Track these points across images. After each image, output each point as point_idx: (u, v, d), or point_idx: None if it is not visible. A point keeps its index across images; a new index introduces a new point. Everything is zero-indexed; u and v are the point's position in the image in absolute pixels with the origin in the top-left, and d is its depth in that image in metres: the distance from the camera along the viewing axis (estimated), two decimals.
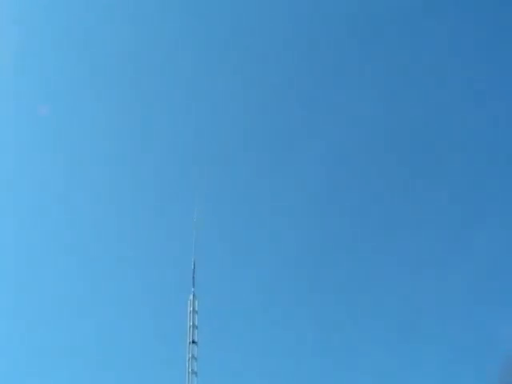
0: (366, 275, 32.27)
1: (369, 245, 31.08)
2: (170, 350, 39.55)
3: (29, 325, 29.26)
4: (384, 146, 34.95)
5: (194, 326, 14.83)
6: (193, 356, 14.21)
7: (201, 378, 14.13)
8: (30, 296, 30.46)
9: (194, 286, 15.82)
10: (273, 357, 43.25)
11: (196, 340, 14.66)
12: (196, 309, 15.32)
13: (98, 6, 31.81)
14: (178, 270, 36.73)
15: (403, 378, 30.51)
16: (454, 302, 31.20)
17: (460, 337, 30.48)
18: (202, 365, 14.54)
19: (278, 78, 31.48)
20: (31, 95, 33.76)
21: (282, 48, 31.32)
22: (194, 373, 13.90)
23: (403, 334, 31.44)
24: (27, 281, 29.33)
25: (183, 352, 14.67)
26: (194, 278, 15.84)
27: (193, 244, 16.99)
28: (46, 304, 31.19)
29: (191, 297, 15.65)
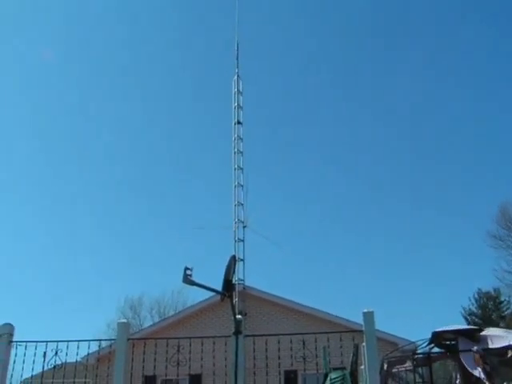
0: None
1: None
2: (217, 129, 42.69)
3: None
4: None
5: (239, 107, 17.66)
6: (238, 136, 17.42)
7: (246, 157, 17.48)
8: None
9: (237, 67, 17.96)
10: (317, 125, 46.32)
11: (241, 121, 17.58)
12: (240, 89, 17.93)
13: None
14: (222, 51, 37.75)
15: None
16: None
17: None
18: (247, 145, 17.67)
19: None
20: None
21: None
22: (240, 152, 17.31)
23: None
24: None
25: (230, 132, 17.60)
26: (237, 59, 18.01)
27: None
28: None
29: (235, 77, 18.01)
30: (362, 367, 8.85)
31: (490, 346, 10.97)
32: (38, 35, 48.18)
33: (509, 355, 10.50)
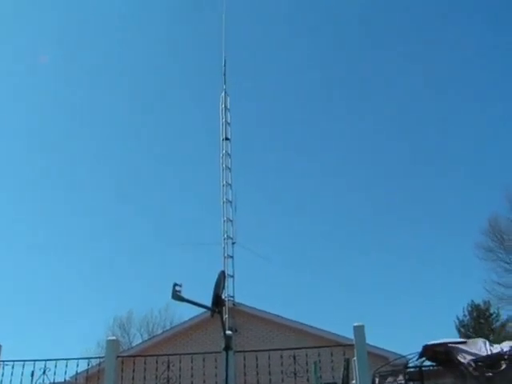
0: None
1: None
2: (203, 146, 42.84)
3: None
4: None
5: (227, 123, 17.71)
6: (226, 152, 17.46)
7: (234, 173, 17.53)
8: None
9: (225, 83, 18.06)
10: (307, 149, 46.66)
11: (229, 137, 17.64)
12: (228, 106, 17.99)
13: None
14: (209, 66, 38.19)
15: None
16: None
17: None
18: (235, 161, 17.74)
19: None
20: None
21: None
22: (228, 169, 17.34)
23: None
24: None
25: (218, 148, 17.66)
26: (224, 75, 18.08)
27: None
28: None
29: (223, 94, 18.11)
30: (354, 382, 8.83)
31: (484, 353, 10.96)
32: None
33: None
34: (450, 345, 11.19)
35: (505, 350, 10.49)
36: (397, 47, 47.86)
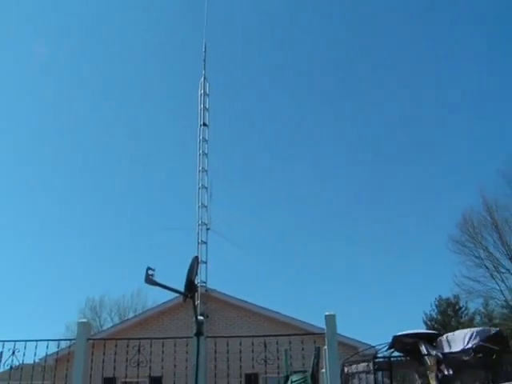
0: None
1: None
2: (182, 132, 42.65)
3: None
4: None
5: (205, 109, 17.61)
6: (203, 138, 17.39)
7: (211, 158, 17.53)
8: None
9: (204, 68, 17.91)
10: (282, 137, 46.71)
11: (207, 123, 17.56)
12: (207, 91, 17.88)
13: None
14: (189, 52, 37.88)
15: None
16: None
17: None
18: (211, 147, 17.71)
19: None
20: None
21: None
22: (205, 154, 17.29)
23: None
24: None
25: (195, 134, 17.58)
26: (205, 61, 17.95)
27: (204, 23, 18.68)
28: None
29: (202, 80, 17.97)
30: (323, 370, 8.91)
31: (447, 350, 11.17)
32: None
33: (465, 359, 10.70)
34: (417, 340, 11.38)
35: (468, 346, 10.68)
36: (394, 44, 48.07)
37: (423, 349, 11.14)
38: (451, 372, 10.66)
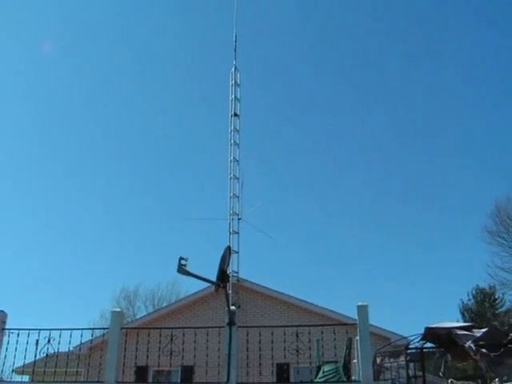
0: None
1: None
2: (214, 122, 42.79)
3: None
4: None
5: (236, 99, 17.55)
6: (235, 128, 17.33)
7: (242, 149, 17.50)
8: None
9: (235, 58, 17.84)
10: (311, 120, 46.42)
11: (238, 113, 17.48)
12: (238, 82, 17.81)
13: None
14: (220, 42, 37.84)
15: None
16: None
17: None
18: (243, 137, 17.67)
19: None
20: None
21: None
22: (236, 144, 17.25)
23: None
24: None
25: (226, 124, 17.55)
26: (235, 50, 17.86)
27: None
28: None
29: (233, 70, 17.90)
30: (355, 361, 8.87)
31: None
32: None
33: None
34: (452, 330, 11.20)
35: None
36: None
37: (460, 335, 10.97)
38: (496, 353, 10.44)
